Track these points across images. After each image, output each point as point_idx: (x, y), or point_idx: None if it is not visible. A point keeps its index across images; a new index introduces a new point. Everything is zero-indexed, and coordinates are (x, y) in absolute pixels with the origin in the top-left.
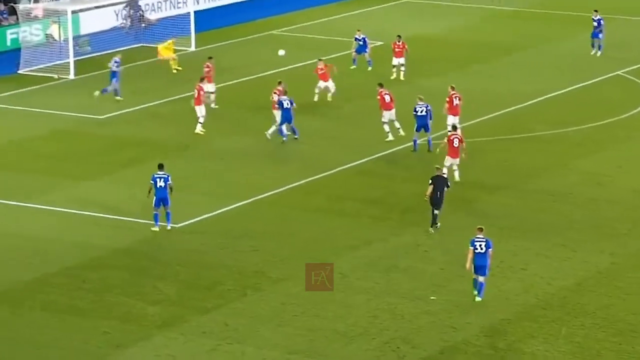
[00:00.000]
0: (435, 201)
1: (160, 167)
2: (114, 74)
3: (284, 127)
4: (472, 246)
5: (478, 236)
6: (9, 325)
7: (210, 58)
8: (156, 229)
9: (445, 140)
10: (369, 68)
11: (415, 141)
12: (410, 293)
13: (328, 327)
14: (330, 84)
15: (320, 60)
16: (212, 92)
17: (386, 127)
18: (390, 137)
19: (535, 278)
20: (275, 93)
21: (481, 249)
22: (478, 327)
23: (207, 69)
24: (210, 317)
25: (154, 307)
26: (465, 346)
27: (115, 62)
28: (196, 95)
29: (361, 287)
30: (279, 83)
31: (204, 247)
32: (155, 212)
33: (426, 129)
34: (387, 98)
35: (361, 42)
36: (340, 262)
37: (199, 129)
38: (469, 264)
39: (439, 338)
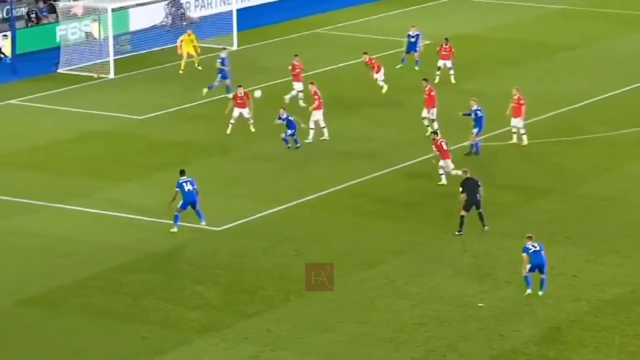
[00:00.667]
0: (475, 203)
1: (182, 172)
2: (222, 71)
3: (288, 138)
4: (525, 252)
5: (528, 243)
6: (44, 329)
7: (296, 56)
8: (175, 230)
9: (434, 147)
10: (416, 67)
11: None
12: (457, 299)
13: (373, 334)
14: (380, 76)
15: (365, 54)
16: (300, 91)
17: (425, 122)
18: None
19: (587, 285)
20: (315, 97)
21: (534, 248)
22: (527, 335)
23: (294, 67)
24: (253, 322)
25: (193, 312)
26: (514, 355)
27: (222, 59)
28: (236, 97)
29: (407, 292)
30: (312, 84)
31: (246, 251)
32: (177, 213)
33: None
34: (433, 94)
35: (413, 39)
36: (385, 266)
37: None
38: (525, 270)
39: (487, 346)
